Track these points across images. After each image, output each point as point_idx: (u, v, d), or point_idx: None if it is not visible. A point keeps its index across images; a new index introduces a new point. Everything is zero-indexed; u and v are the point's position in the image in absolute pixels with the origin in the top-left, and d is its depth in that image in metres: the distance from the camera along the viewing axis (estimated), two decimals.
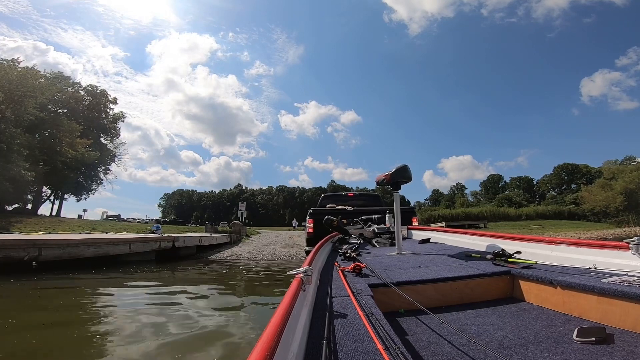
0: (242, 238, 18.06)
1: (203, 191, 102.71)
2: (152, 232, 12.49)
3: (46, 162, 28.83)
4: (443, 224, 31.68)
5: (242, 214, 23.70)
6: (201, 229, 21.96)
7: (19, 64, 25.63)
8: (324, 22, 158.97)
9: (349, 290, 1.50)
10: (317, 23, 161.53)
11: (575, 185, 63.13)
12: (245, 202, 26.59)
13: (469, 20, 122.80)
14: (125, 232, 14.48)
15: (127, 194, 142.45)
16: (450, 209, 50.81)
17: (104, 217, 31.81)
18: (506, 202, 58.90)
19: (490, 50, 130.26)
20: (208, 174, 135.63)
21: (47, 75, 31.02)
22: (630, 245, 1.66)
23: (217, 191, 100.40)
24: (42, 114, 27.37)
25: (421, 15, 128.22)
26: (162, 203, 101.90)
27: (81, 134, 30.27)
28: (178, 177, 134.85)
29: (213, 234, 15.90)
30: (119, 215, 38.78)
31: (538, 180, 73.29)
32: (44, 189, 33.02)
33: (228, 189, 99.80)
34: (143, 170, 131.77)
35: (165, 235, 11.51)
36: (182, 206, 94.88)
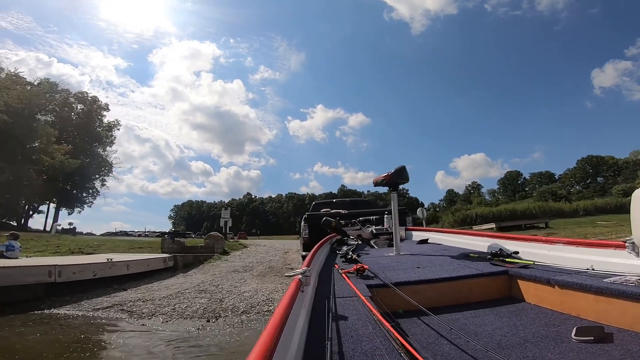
0: (213, 256, 12.57)
1: (212, 201, 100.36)
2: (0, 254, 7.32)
3: (13, 171, 25.26)
4: (493, 225, 24.58)
5: (225, 222, 18.38)
6: (200, 241, 16.21)
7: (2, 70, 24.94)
8: (323, 27, 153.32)
9: (347, 291, 1.52)
10: (316, 28, 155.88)
11: (601, 178, 57.67)
12: (229, 209, 21.41)
13: (473, 16, 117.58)
14: None
15: (141, 207, 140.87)
16: (469, 208, 43.57)
17: (55, 230, 23.29)
18: (550, 196, 50.86)
19: (496, 46, 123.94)
20: (219, 184, 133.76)
21: (34, 82, 28.98)
22: (627, 244, 1.62)
23: (226, 201, 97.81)
24: (6, 117, 24.16)
25: (423, 14, 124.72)
26: (172, 215, 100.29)
27: (72, 142, 27.61)
28: (189, 189, 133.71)
29: (131, 258, 9.08)
30: (74, 227, 28.41)
31: (560, 175, 68.49)
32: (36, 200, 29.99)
33: (237, 199, 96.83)
34: (154, 182, 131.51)
35: None
36: (192, 217, 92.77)
